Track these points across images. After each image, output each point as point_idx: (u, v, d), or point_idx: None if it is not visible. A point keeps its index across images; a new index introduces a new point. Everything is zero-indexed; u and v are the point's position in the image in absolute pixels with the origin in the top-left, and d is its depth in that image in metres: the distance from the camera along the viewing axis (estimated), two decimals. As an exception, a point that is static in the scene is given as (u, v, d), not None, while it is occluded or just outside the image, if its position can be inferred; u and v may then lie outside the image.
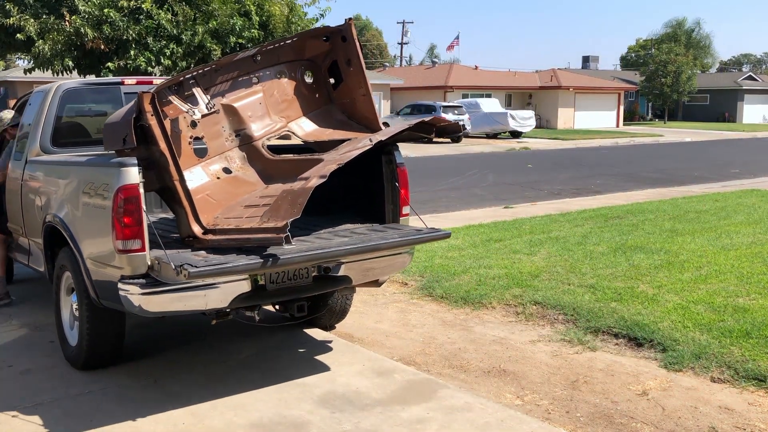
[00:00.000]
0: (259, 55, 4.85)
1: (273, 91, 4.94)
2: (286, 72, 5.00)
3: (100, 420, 3.90)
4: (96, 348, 4.49)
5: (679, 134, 38.23)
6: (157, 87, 4.20)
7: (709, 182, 15.52)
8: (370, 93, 4.88)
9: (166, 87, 4.35)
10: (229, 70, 4.76)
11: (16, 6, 12.63)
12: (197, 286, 3.85)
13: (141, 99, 3.97)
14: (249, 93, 4.87)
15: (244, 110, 4.81)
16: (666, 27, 58.58)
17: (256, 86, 4.88)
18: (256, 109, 4.87)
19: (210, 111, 4.59)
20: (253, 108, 4.85)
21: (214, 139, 4.71)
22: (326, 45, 4.90)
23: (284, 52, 4.93)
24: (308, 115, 5.06)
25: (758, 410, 3.90)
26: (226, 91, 4.78)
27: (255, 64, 4.86)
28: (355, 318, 5.75)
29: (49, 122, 5.30)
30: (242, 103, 4.83)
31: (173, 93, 4.40)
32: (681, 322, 5.12)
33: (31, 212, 5.18)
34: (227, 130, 4.79)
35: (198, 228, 4.12)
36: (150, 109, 4.02)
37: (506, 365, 4.72)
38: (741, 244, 7.78)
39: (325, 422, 3.83)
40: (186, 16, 12.43)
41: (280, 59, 4.94)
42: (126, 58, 12.23)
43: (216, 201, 4.47)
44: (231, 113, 4.78)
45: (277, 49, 4.91)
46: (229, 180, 4.67)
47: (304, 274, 4.20)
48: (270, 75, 4.95)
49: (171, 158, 4.06)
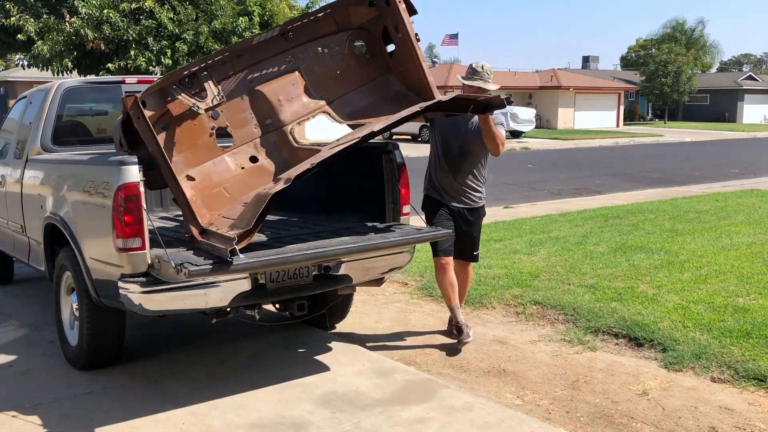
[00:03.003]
0: (291, 33, 4.53)
1: (313, 69, 4.62)
2: (330, 45, 4.63)
3: (100, 420, 3.90)
4: (96, 348, 4.49)
5: (679, 134, 38.23)
6: (148, 88, 4.16)
7: (709, 182, 15.52)
8: (419, 61, 4.45)
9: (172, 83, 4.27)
10: (255, 53, 4.51)
11: (16, 6, 12.63)
12: (197, 285, 3.85)
13: (123, 103, 3.96)
14: (280, 75, 4.60)
15: (273, 94, 4.57)
16: (665, 27, 58.54)
17: (290, 66, 4.61)
18: (289, 91, 4.59)
19: (215, 104, 4.37)
20: (285, 90, 4.57)
21: (240, 127, 4.52)
22: (373, 11, 4.51)
23: (323, 25, 4.59)
24: (361, 89, 4.70)
25: (758, 410, 3.90)
26: (252, 76, 4.53)
27: (288, 43, 4.56)
28: (355, 318, 5.75)
29: (50, 121, 5.30)
30: (271, 86, 4.57)
31: (181, 87, 4.30)
32: (681, 322, 5.11)
33: (32, 211, 5.18)
34: (255, 117, 4.55)
35: (195, 229, 4.08)
36: (135, 112, 3.99)
37: (506, 365, 4.72)
38: (741, 244, 7.78)
39: (325, 422, 3.83)
40: (187, 15, 12.43)
41: (320, 33, 4.60)
42: (126, 58, 12.23)
43: (230, 195, 4.36)
44: (258, 98, 4.55)
45: (311, 24, 4.57)
46: (252, 170, 4.49)
47: (305, 273, 4.20)
48: (309, 51, 4.61)
49: (161, 158, 4.03)
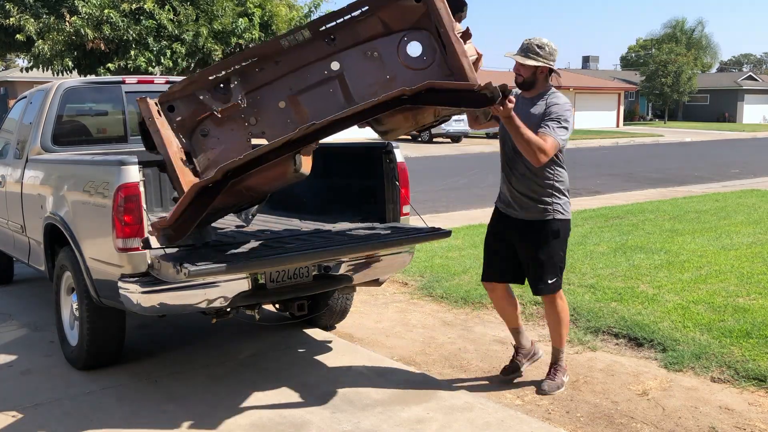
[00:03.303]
0: (333, 36, 4.18)
1: (359, 74, 4.25)
2: (379, 48, 4.21)
3: (100, 420, 3.89)
4: (96, 348, 4.49)
5: (679, 134, 38.23)
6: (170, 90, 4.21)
7: (709, 182, 15.52)
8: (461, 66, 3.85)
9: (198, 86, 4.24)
10: (294, 57, 4.27)
11: (16, 6, 12.63)
12: (197, 285, 3.85)
13: (140, 104, 3.98)
14: (323, 81, 4.32)
15: (310, 101, 4.32)
16: (665, 27, 58.59)
17: (333, 72, 4.30)
18: (328, 98, 4.31)
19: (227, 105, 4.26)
20: (327, 98, 4.30)
21: (278, 134, 4.23)
22: (421, 6, 4.03)
23: (369, 25, 4.17)
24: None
25: (758, 410, 3.90)
26: (292, 81, 4.30)
27: (330, 47, 4.26)
28: (355, 318, 5.75)
29: (50, 121, 5.30)
30: (312, 93, 4.32)
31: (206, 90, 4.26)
32: (681, 322, 5.11)
33: (32, 211, 5.18)
34: (294, 125, 4.29)
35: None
36: (149, 114, 4.01)
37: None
38: (741, 244, 7.78)
39: (325, 422, 3.82)
40: (187, 16, 12.44)
41: (367, 35, 4.19)
42: (126, 58, 12.23)
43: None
44: (298, 106, 4.33)
45: (354, 25, 4.18)
46: None
47: (305, 273, 4.20)
48: (354, 56, 4.24)
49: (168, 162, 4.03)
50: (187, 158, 4.29)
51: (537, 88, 4.02)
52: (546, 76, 4.00)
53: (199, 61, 13.22)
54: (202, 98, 4.22)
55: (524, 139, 3.71)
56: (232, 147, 4.34)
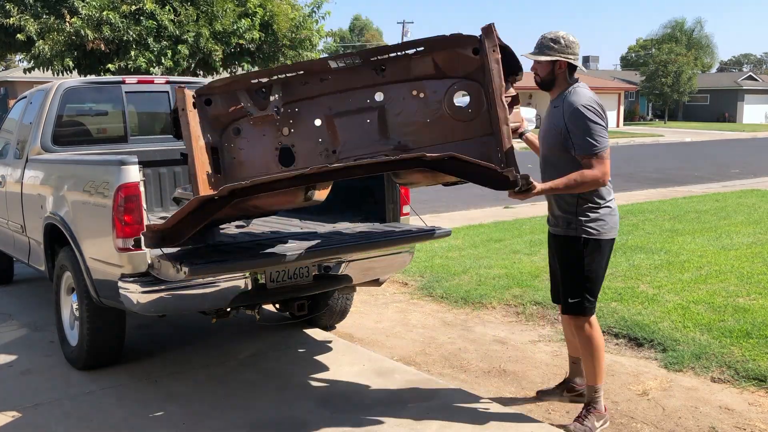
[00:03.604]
0: (383, 66, 4.09)
1: (400, 110, 4.16)
2: (426, 90, 4.10)
3: (100, 420, 3.90)
4: (96, 348, 4.49)
5: (679, 134, 38.22)
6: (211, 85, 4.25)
7: (709, 182, 15.52)
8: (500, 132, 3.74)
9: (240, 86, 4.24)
10: (341, 79, 4.20)
11: (16, 6, 12.63)
12: (197, 285, 3.85)
13: (176, 93, 4.07)
14: (362, 109, 4.22)
15: (349, 127, 4.22)
16: (665, 28, 58.59)
17: (375, 102, 4.18)
18: (366, 128, 4.20)
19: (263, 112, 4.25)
20: (363, 126, 4.19)
21: (306, 151, 4.29)
22: (477, 60, 3.88)
23: (421, 65, 4.06)
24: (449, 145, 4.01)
25: (758, 410, 3.90)
26: (333, 102, 4.24)
27: (378, 77, 4.13)
28: (355, 318, 5.75)
29: (50, 121, 5.30)
30: (349, 119, 4.25)
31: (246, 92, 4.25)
32: (681, 322, 5.11)
33: (32, 211, 5.18)
34: (324, 145, 4.28)
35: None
36: (183, 105, 4.06)
37: (506, 365, 4.71)
38: (741, 244, 7.77)
39: (325, 422, 3.82)
40: (188, 17, 12.43)
41: (417, 73, 4.09)
42: (127, 58, 12.23)
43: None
44: (333, 127, 4.28)
45: (408, 62, 4.07)
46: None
47: (305, 273, 4.20)
48: (400, 91, 4.15)
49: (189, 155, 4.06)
50: (213, 153, 4.32)
51: (558, 86, 3.68)
52: (566, 72, 3.64)
53: (200, 62, 13.22)
54: (242, 99, 4.22)
55: (571, 187, 3.48)
56: (259, 151, 4.36)
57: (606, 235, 3.62)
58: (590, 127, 3.45)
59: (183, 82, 6.26)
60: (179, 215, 3.30)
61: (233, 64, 14.18)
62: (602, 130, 3.48)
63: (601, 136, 3.46)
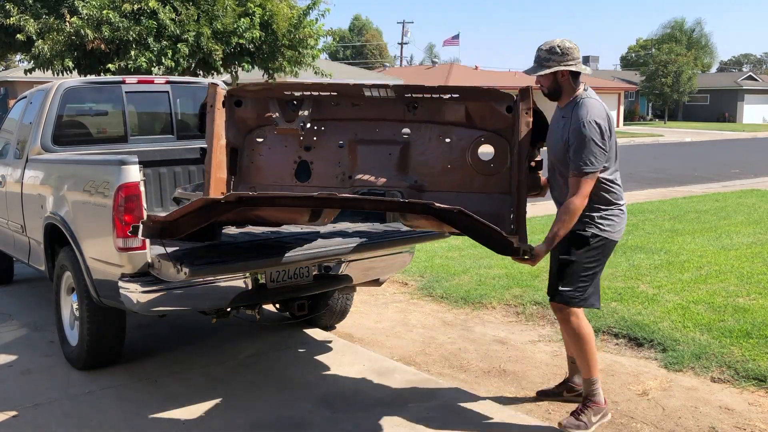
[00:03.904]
0: (416, 105, 4.08)
1: (422, 151, 4.13)
2: (453, 136, 4.06)
3: (100, 420, 3.90)
4: (96, 348, 4.49)
5: (679, 134, 38.23)
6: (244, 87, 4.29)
7: (709, 182, 15.52)
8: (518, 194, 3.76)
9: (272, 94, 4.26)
10: (372, 108, 4.18)
11: (16, 6, 12.62)
12: (197, 284, 3.85)
13: (209, 88, 4.16)
14: (387, 141, 4.19)
15: (369, 156, 4.21)
16: (665, 28, 58.62)
17: (401, 138, 4.15)
18: (382, 160, 4.17)
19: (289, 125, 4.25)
20: (383, 158, 4.16)
21: (323, 171, 4.30)
22: (510, 117, 3.83)
23: (454, 110, 4.03)
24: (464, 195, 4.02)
25: (758, 410, 3.90)
26: (360, 129, 4.23)
27: (410, 113, 4.11)
28: (355, 318, 5.75)
29: (50, 121, 5.30)
30: (372, 148, 4.20)
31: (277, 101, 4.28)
32: (681, 322, 5.11)
33: (32, 211, 5.18)
34: (342, 168, 4.28)
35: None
36: (212, 101, 4.13)
37: (506, 365, 4.72)
38: (741, 244, 7.78)
39: (325, 422, 3.82)
40: (189, 16, 12.42)
41: (448, 118, 4.05)
42: (127, 58, 12.22)
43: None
44: (354, 153, 4.26)
45: (441, 104, 4.04)
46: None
47: (305, 273, 4.20)
48: (428, 131, 4.11)
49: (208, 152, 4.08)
50: (232, 153, 4.36)
51: (566, 94, 3.62)
52: (569, 79, 3.58)
53: (200, 61, 13.20)
54: (271, 107, 4.24)
55: (568, 225, 3.47)
56: (278, 161, 4.40)
57: (613, 235, 3.65)
58: (588, 145, 3.42)
59: (183, 81, 6.26)
60: (183, 211, 3.29)
61: (233, 64, 14.17)
62: (600, 153, 3.43)
63: (595, 157, 3.42)
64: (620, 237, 3.74)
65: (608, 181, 3.58)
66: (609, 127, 3.50)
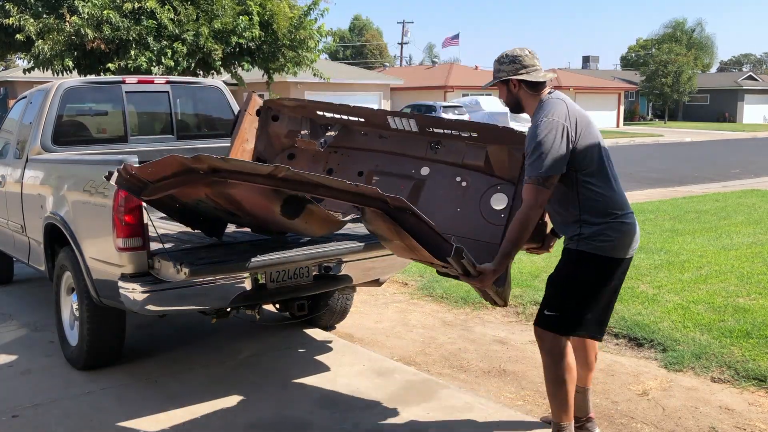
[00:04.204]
0: (439, 145, 4.04)
1: (436, 190, 4.10)
2: (470, 180, 3.98)
3: (100, 420, 3.90)
4: (96, 348, 4.49)
5: (679, 134, 38.22)
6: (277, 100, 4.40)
7: (709, 182, 15.52)
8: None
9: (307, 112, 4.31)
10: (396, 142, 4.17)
11: (16, 6, 12.61)
12: (197, 285, 3.85)
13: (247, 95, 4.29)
14: (401, 174, 4.18)
15: (380, 185, 4.19)
16: (665, 27, 58.63)
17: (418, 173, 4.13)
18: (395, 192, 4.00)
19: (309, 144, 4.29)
20: (391, 188, 4.06)
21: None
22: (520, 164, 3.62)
23: (474, 153, 3.95)
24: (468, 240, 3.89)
25: (758, 410, 3.90)
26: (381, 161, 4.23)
27: (431, 152, 4.09)
28: (355, 318, 5.75)
29: (50, 121, 5.30)
30: (387, 180, 4.20)
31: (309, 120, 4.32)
32: (681, 322, 5.11)
33: (32, 211, 5.18)
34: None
35: None
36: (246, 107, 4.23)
37: (506, 365, 4.71)
38: (741, 244, 7.78)
39: (325, 422, 3.82)
40: (188, 16, 12.42)
41: (467, 161, 3.98)
42: (127, 58, 12.22)
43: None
44: (369, 180, 4.31)
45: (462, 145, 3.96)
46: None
47: (305, 273, 4.20)
48: (445, 173, 4.06)
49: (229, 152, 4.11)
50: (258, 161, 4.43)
51: (527, 104, 3.29)
52: (522, 89, 3.25)
53: (200, 61, 13.19)
54: (303, 124, 4.31)
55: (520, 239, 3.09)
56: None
57: (611, 252, 3.17)
58: (539, 148, 3.02)
59: (183, 81, 6.26)
60: (156, 165, 3.15)
61: (233, 64, 14.16)
62: (554, 155, 3.00)
63: (546, 159, 3.00)
64: (627, 254, 3.22)
65: (592, 185, 3.12)
66: (576, 126, 3.09)
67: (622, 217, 3.21)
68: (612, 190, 3.19)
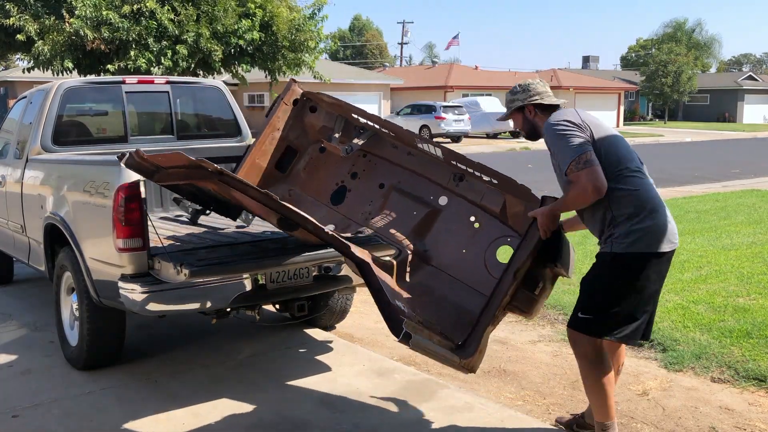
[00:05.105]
0: (462, 178, 4.02)
1: (450, 222, 4.07)
2: (484, 221, 3.95)
3: (100, 420, 3.90)
4: (96, 348, 4.49)
5: (679, 134, 38.21)
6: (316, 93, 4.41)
7: (709, 182, 15.51)
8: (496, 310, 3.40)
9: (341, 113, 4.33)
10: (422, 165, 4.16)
11: (16, 6, 12.63)
12: (197, 285, 3.85)
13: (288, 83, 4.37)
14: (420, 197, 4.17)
15: (395, 203, 4.26)
16: (665, 27, 58.64)
17: (435, 201, 4.12)
18: (405, 214, 4.16)
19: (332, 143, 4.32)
20: (405, 210, 4.15)
21: (355, 202, 4.32)
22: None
23: (492, 197, 3.90)
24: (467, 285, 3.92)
25: (758, 410, 3.90)
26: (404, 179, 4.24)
27: (452, 183, 4.07)
28: (355, 318, 5.75)
29: (50, 121, 5.30)
30: (406, 201, 4.21)
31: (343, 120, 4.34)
32: (681, 322, 5.11)
33: (32, 211, 5.18)
34: (370, 208, 4.31)
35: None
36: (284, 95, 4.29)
37: (506, 365, 4.71)
38: (741, 244, 7.77)
39: (325, 422, 3.82)
40: (188, 17, 12.43)
41: (483, 202, 3.95)
42: (126, 59, 12.23)
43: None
44: (387, 195, 4.30)
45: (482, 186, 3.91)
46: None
47: (305, 274, 4.20)
48: (461, 208, 4.03)
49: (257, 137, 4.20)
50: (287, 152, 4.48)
51: (541, 128, 3.42)
52: (538, 114, 3.43)
53: (200, 62, 13.21)
54: (336, 122, 4.34)
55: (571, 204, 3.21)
56: (324, 177, 4.47)
57: (637, 248, 3.14)
58: (561, 139, 3.15)
59: (183, 82, 6.26)
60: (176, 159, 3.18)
61: (233, 65, 14.18)
62: (570, 137, 3.13)
63: (569, 143, 3.12)
64: (661, 248, 3.17)
65: (618, 183, 3.15)
66: (587, 121, 3.23)
67: (652, 212, 3.18)
68: (638, 186, 3.19)
